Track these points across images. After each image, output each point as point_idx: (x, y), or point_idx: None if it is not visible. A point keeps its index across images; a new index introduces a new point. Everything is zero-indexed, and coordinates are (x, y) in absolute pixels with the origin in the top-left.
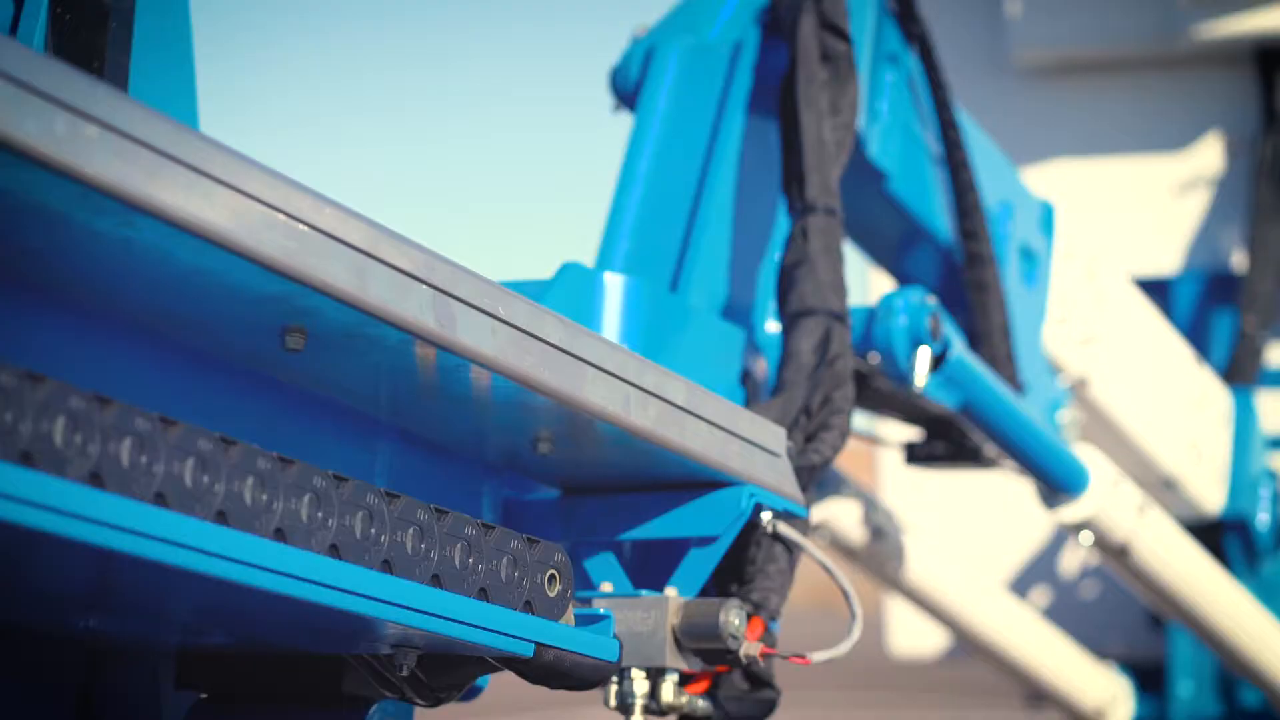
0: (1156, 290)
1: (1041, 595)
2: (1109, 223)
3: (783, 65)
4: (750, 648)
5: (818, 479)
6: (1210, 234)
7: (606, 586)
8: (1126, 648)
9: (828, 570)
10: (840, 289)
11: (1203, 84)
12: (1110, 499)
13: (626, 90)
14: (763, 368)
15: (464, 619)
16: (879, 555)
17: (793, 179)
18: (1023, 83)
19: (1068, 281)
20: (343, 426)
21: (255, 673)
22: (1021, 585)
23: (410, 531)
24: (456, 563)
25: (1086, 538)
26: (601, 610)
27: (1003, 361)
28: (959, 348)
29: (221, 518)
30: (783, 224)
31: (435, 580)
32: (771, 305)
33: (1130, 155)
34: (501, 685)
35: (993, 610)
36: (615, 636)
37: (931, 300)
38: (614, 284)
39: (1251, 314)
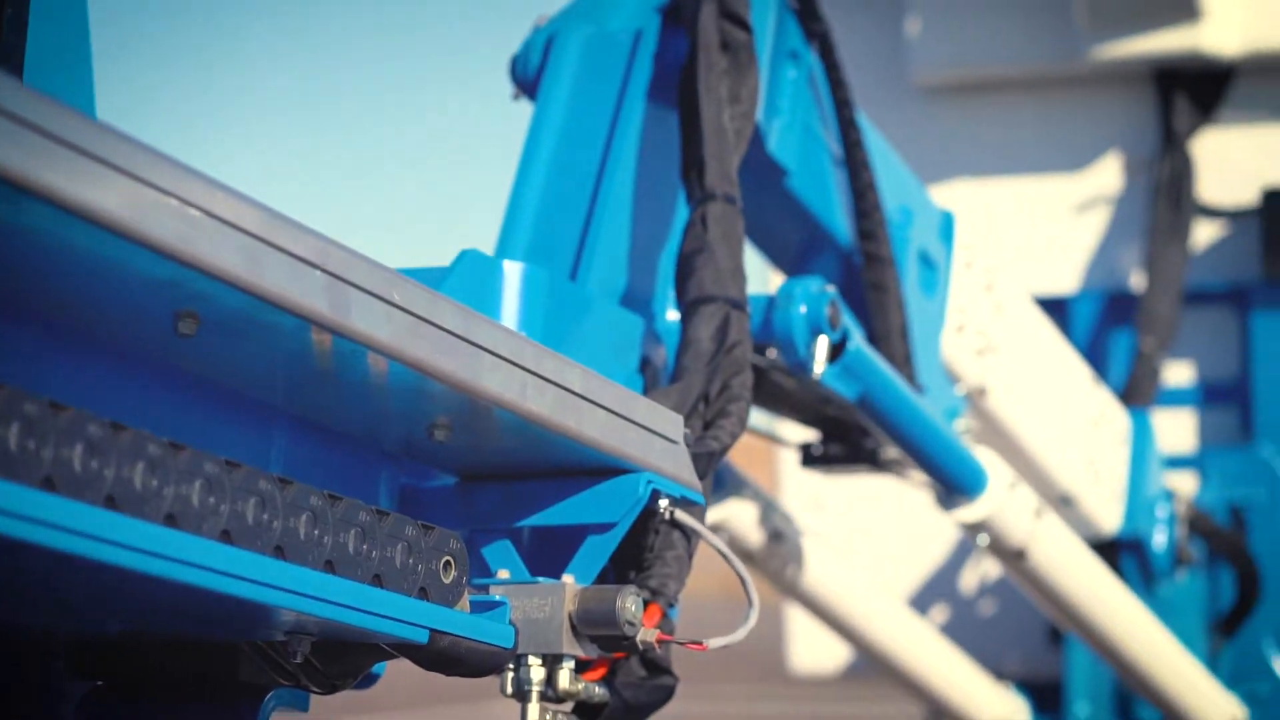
0: (1055, 309)
1: (940, 612)
2: (1009, 241)
3: (683, 54)
4: (647, 634)
5: (716, 465)
6: (1109, 254)
7: (503, 573)
8: (1024, 666)
9: (725, 557)
10: (739, 276)
11: (1103, 104)
12: (1007, 501)
13: (527, 78)
14: (662, 356)
15: (357, 605)
16: (777, 559)
17: (692, 167)
18: (923, 101)
19: (966, 291)
20: (237, 413)
21: (149, 661)
22: (920, 602)
23: (303, 517)
24: (350, 549)
25: (984, 540)
26: (497, 597)
27: (901, 362)
28: (858, 339)
29: (111, 503)
30: (683, 213)
31: (329, 566)
32: (671, 293)
33: (1030, 175)
34: (422, 677)
35: (891, 623)
36: (511, 623)
37: (830, 289)
38: (513, 272)
39: (1150, 335)
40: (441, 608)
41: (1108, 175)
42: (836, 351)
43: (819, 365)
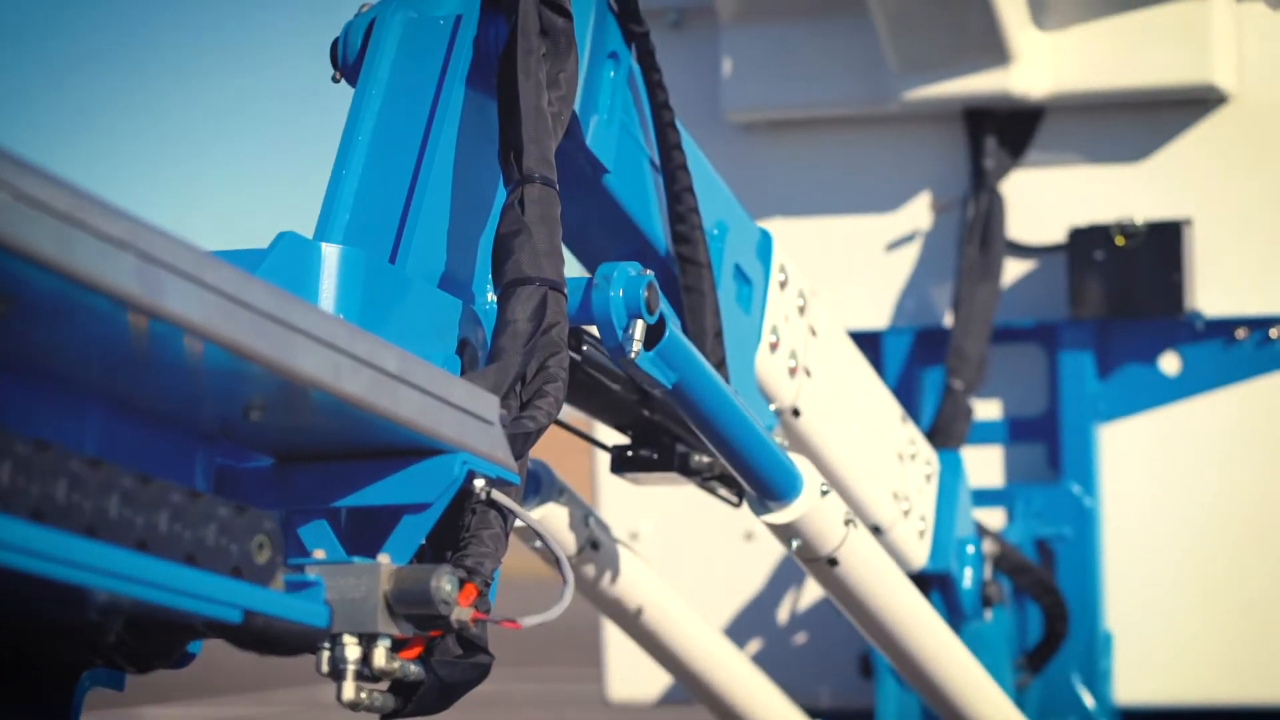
0: (868, 343)
1: (752, 642)
2: (822, 276)
3: (503, 39)
4: (462, 613)
5: (532, 445)
6: (920, 291)
7: (319, 553)
8: (835, 697)
9: (540, 536)
10: (557, 258)
11: (914, 144)
12: (820, 506)
13: (348, 62)
14: (481, 337)
15: (169, 585)
16: (592, 568)
17: (510, 149)
18: (737, 138)
19: (781, 311)
20: (51, 394)
21: None
22: (734, 630)
23: (115, 498)
24: (162, 529)
25: (796, 545)
26: (312, 577)
27: (717, 366)
28: (675, 327)
29: None
30: (502, 196)
31: (141, 546)
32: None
33: (843, 213)
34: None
35: (703, 647)
36: (326, 603)
37: (648, 273)
38: (330, 254)
39: (959, 376)
40: (254, 587)
41: (919, 214)
42: (654, 338)
43: (635, 346)
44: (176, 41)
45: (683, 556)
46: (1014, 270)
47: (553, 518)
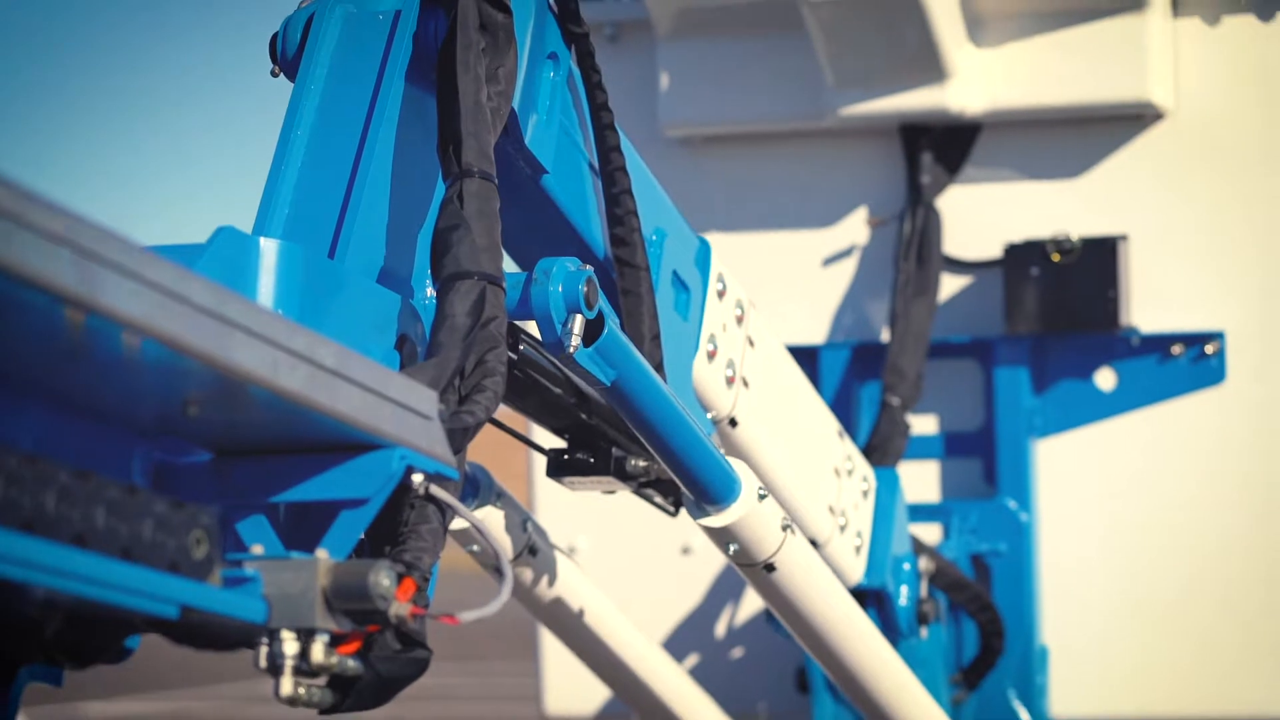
0: (805, 358)
1: (689, 656)
2: (760, 290)
3: (442, 35)
4: (400, 608)
5: (470, 439)
6: (857, 306)
7: (257, 549)
8: (772, 711)
9: (479, 530)
10: (495, 252)
11: (851, 160)
12: (758, 509)
13: (287, 57)
14: (420, 332)
15: (106, 580)
16: (529, 573)
17: (449, 144)
18: (674, 152)
19: (719, 319)
20: None
21: None
22: (671, 642)
23: (52, 493)
24: (99, 525)
25: (734, 549)
26: (250, 572)
27: (655, 368)
28: (614, 324)
29: None
30: (442, 191)
31: (78, 541)
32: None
33: (780, 228)
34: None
35: (640, 656)
36: (264, 598)
37: (587, 268)
38: (269, 249)
39: (896, 394)
40: (192, 582)
41: (856, 229)
42: (593, 334)
43: (574, 341)
44: (112, 34)
45: (620, 571)
46: (951, 286)
47: (491, 521)
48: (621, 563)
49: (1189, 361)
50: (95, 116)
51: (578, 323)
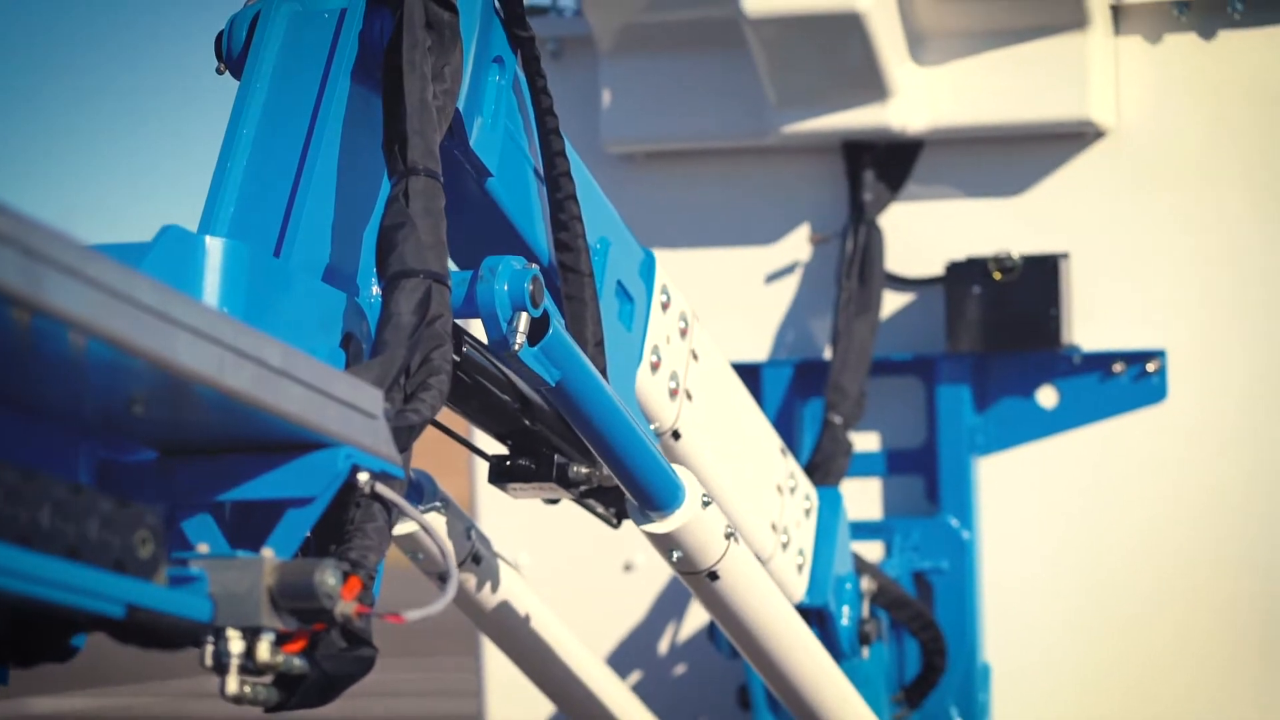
0: (748, 375)
1: (632, 673)
2: (702, 310)
3: (388, 32)
4: (346, 607)
5: (416, 438)
6: (800, 323)
7: (203, 547)
8: None
9: (424, 529)
10: (441, 250)
11: (794, 177)
12: (702, 516)
13: (232, 55)
14: (366, 330)
15: (52, 580)
16: (473, 582)
17: (394, 142)
18: (616, 168)
19: (663, 331)
20: None
21: None
22: (614, 658)
23: None
24: (45, 524)
25: (677, 556)
26: (195, 571)
27: (599, 374)
28: (560, 324)
29: None
30: (387, 190)
31: (23, 541)
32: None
33: (723, 245)
34: None
35: (583, 669)
36: (210, 597)
37: (533, 266)
38: (214, 248)
39: (838, 412)
40: (137, 581)
41: (799, 246)
42: (538, 333)
43: (519, 339)
44: (53, 30)
45: (562, 587)
46: (893, 303)
47: (435, 528)
48: (563, 580)
49: (1130, 380)
50: (38, 114)
51: (523, 320)
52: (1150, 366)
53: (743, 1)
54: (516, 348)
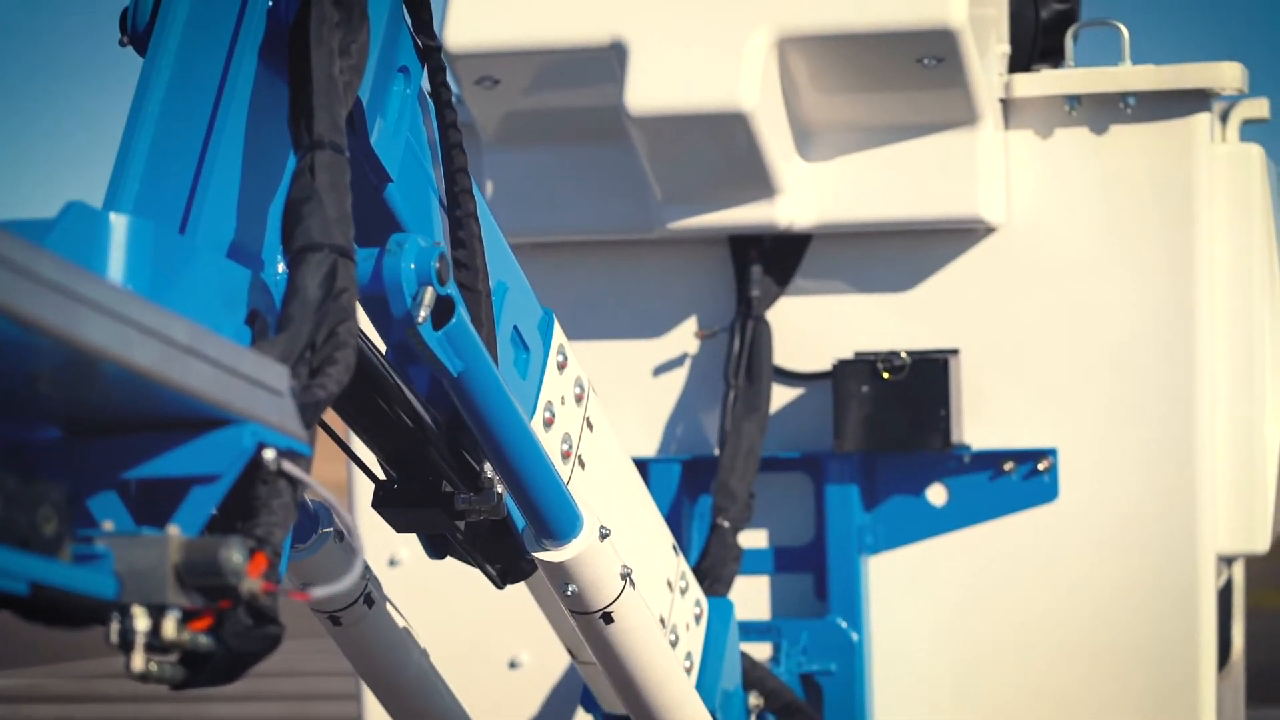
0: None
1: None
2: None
3: (295, 7)
4: (252, 584)
5: (322, 412)
6: (690, 420)
7: (108, 525)
8: None
9: (332, 507)
10: (346, 225)
11: (681, 270)
12: (600, 549)
13: (137, 30)
14: (272, 306)
15: None
16: (364, 628)
17: (300, 116)
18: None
19: (558, 391)
20: None
21: None
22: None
23: None
24: None
25: (572, 590)
26: (100, 548)
27: None
28: (465, 315)
29: None
30: (294, 165)
31: None
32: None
33: (610, 338)
34: None
35: None
36: (115, 574)
37: (441, 244)
38: (119, 224)
39: (726, 516)
40: (41, 559)
41: (687, 340)
42: (443, 317)
43: (423, 313)
44: None
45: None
46: (782, 397)
47: (324, 570)
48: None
49: (1021, 478)
50: None
51: (428, 295)
52: (1041, 465)
53: (626, 98)
54: (420, 320)
